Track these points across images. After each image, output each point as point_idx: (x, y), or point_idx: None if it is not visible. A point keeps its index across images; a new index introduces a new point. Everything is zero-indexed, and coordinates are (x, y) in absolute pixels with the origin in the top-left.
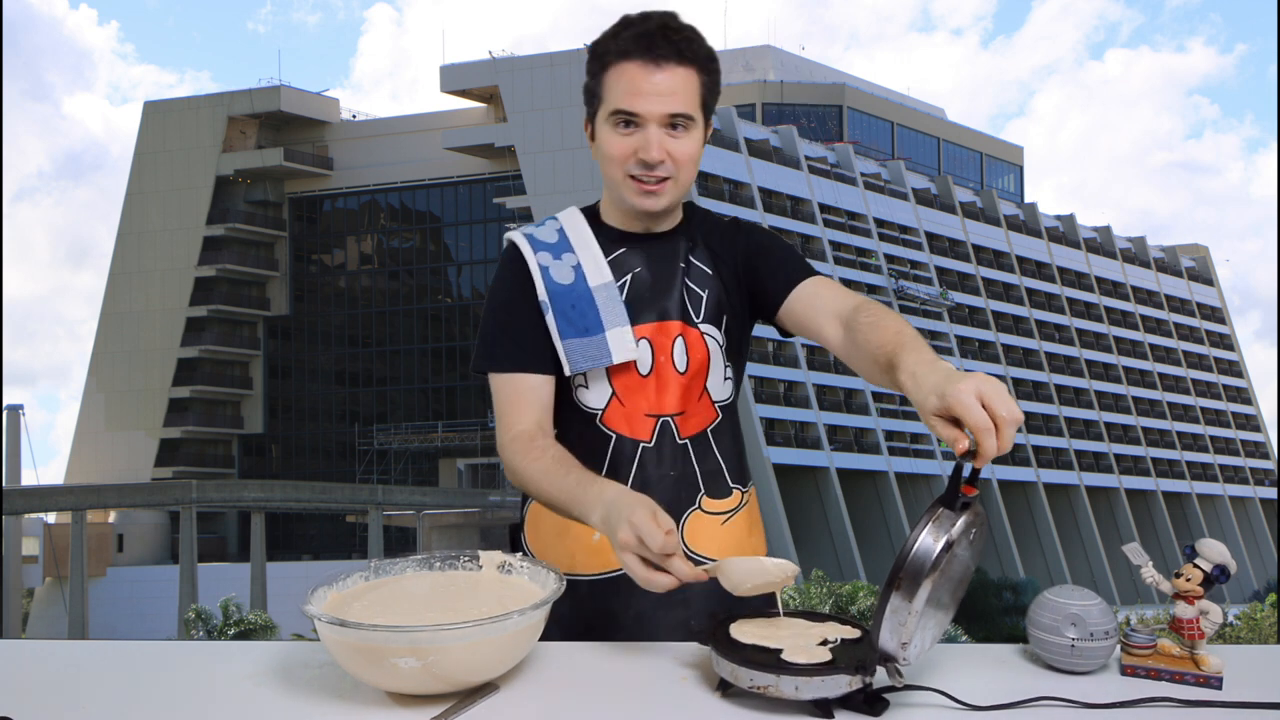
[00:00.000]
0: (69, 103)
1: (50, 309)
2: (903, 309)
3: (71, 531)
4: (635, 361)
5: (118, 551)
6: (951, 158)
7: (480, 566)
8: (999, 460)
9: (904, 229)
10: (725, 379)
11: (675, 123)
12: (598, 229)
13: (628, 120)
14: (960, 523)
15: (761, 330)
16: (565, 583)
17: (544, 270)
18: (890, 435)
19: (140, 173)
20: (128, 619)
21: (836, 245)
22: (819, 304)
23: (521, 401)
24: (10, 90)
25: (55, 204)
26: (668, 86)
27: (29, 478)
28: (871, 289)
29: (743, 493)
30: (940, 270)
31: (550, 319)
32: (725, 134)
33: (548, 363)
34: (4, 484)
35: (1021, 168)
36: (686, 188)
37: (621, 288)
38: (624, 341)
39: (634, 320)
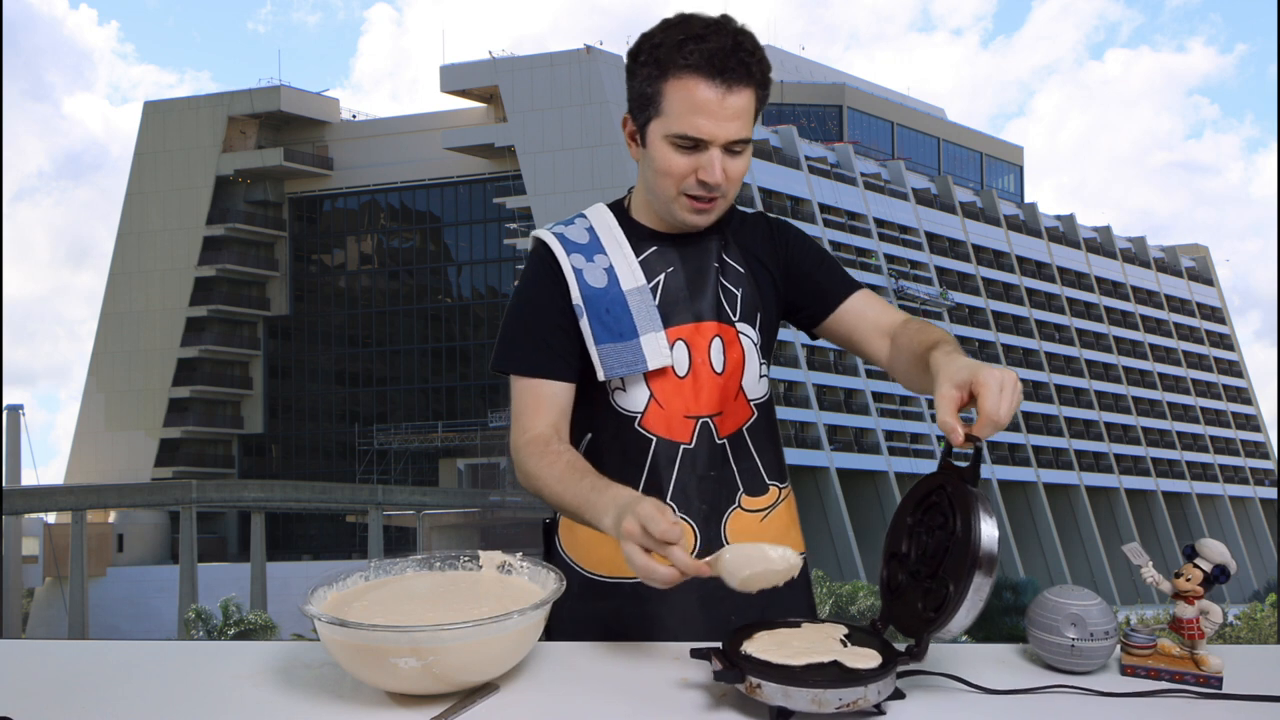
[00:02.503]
0: (69, 103)
1: (50, 309)
2: (903, 309)
3: (71, 531)
4: (672, 364)
5: (118, 551)
6: (951, 158)
7: (480, 566)
8: (999, 460)
9: (904, 229)
10: (761, 376)
11: (736, 148)
12: (628, 227)
13: (690, 145)
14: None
15: None
16: (565, 583)
17: (578, 273)
18: (890, 435)
19: (140, 173)
20: (128, 619)
21: (836, 245)
22: (869, 320)
23: (540, 406)
24: (10, 90)
25: (55, 204)
26: (734, 111)
27: (29, 478)
28: (871, 289)
29: (780, 489)
30: (940, 270)
31: (585, 324)
32: None
33: (570, 369)
34: (4, 484)
35: (1021, 168)
36: (732, 202)
37: (655, 289)
38: (658, 347)
39: (669, 321)
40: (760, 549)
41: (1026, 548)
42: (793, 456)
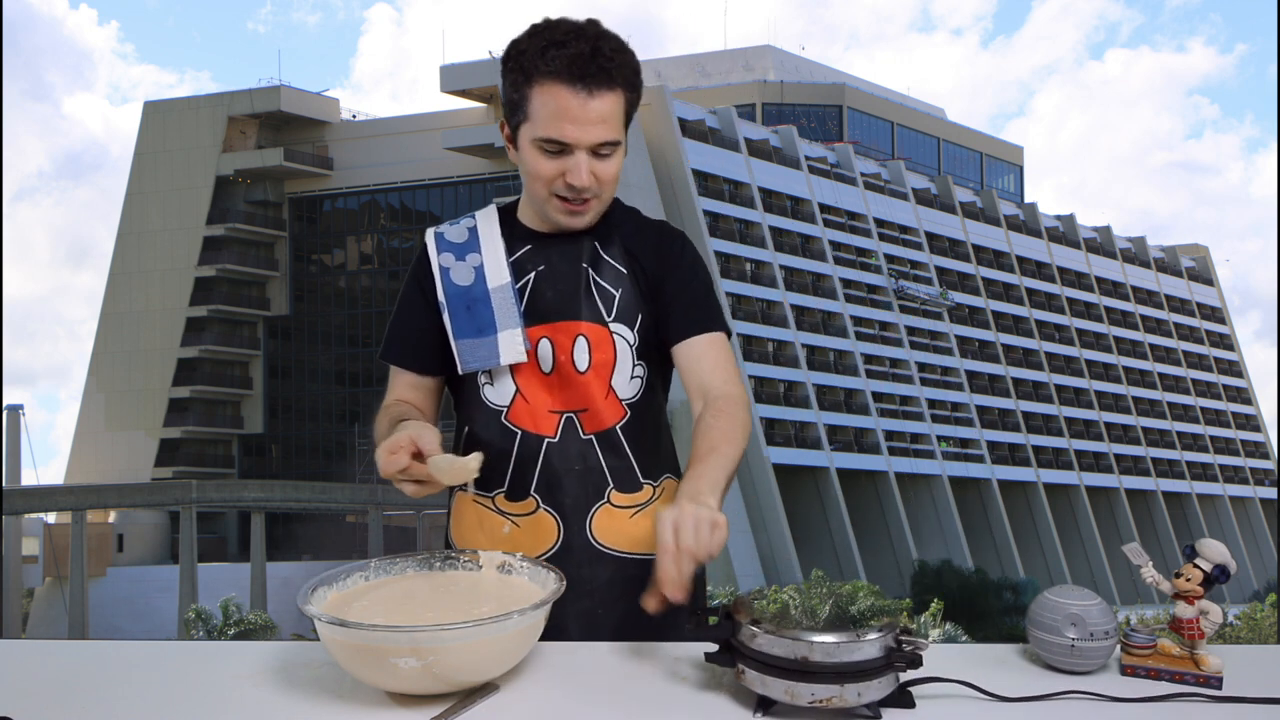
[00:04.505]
0: (69, 103)
1: (50, 309)
2: (903, 309)
3: (71, 531)
4: (537, 360)
5: (118, 551)
6: (951, 158)
7: (480, 566)
8: (999, 460)
9: (904, 229)
10: (633, 378)
11: (604, 152)
12: (511, 228)
13: (555, 150)
14: None
15: (762, 330)
16: (565, 583)
17: (444, 271)
18: (890, 435)
19: (140, 173)
20: (128, 619)
21: (836, 245)
22: (695, 370)
23: (401, 390)
24: (10, 90)
25: (55, 204)
26: (598, 115)
27: (29, 478)
28: (871, 289)
29: (654, 487)
30: (940, 270)
31: (446, 319)
32: (725, 134)
33: (435, 364)
34: (4, 484)
35: (1021, 168)
36: (609, 203)
37: (524, 287)
38: (513, 343)
39: (537, 319)
40: (434, 464)
41: (1026, 548)
42: (792, 456)
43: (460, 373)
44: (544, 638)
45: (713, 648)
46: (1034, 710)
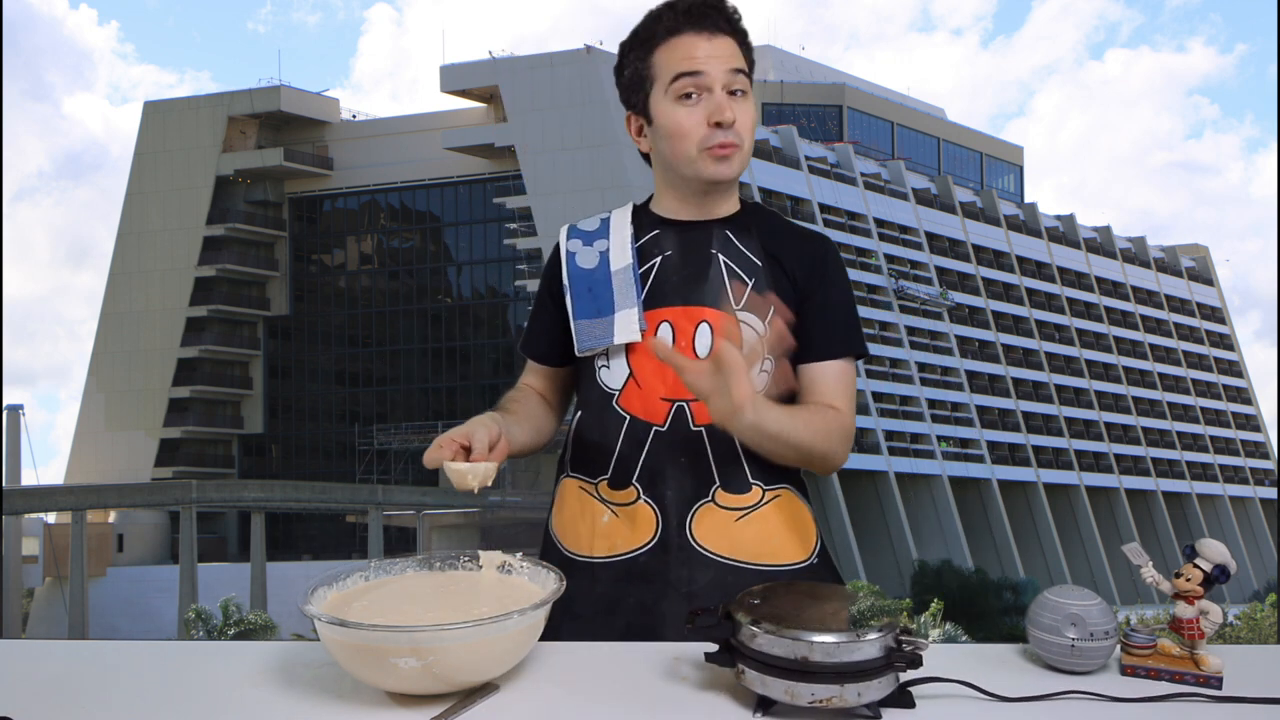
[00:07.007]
0: (69, 103)
1: (50, 309)
2: (903, 309)
3: (71, 531)
4: (642, 341)
5: (118, 551)
6: (951, 158)
7: (480, 566)
8: (999, 460)
9: (904, 229)
10: (761, 372)
11: (736, 87)
12: (642, 217)
13: (690, 89)
14: None
15: None
16: (565, 583)
17: (570, 256)
18: (890, 435)
19: (140, 173)
20: (128, 619)
21: (836, 245)
22: (812, 392)
23: (529, 380)
24: (10, 90)
25: (55, 204)
26: (722, 52)
27: (29, 478)
28: (871, 289)
29: (765, 490)
30: (940, 270)
31: (568, 301)
32: None
33: (556, 354)
34: (4, 484)
35: (1021, 168)
36: (748, 159)
37: (650, 270)
38: (629, 323)
39: (659, 303)
40: (450, 468)
41: (1026, 548)
42: None
43: (577, 353)
44: (639, 636)
45: (713, 648)
46: (1034, 710)
